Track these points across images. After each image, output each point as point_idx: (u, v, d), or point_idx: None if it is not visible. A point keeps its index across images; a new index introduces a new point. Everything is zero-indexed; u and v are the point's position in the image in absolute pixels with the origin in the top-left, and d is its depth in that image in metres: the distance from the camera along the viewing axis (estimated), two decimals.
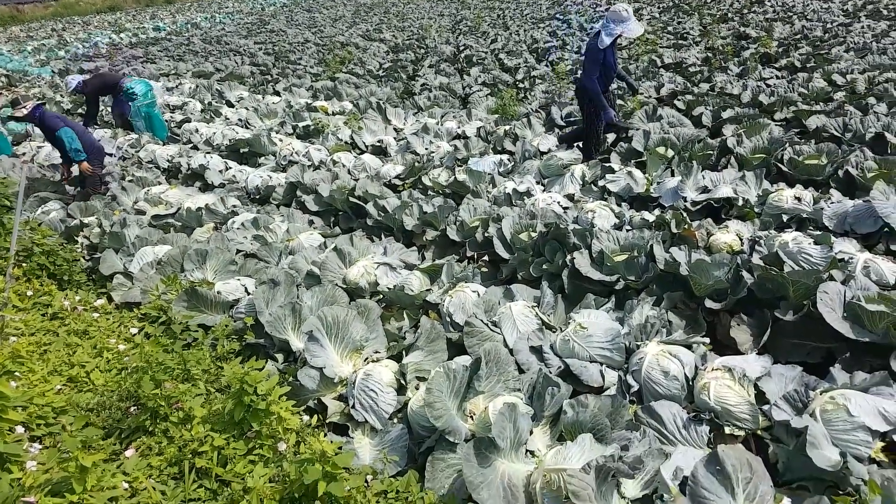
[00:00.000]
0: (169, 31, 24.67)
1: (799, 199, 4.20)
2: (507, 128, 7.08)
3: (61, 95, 11.57)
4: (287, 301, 3.57)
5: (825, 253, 3.30)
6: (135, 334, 3.54)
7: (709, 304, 3.25)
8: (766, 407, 2.57)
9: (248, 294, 3.86)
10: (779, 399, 2.57)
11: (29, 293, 3.84)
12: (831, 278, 3.01)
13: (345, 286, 3.90)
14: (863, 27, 11.79)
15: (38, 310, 3.76)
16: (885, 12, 13.40)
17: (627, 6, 5.34)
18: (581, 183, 5.33)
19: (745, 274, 3.28)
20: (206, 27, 25.99)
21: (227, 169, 6.61)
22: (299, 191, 5.71)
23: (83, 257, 4.75)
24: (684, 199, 4.66)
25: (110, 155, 7.62)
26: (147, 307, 3.64)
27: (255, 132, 7.68)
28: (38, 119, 5.91)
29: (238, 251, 4.49)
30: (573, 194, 5.15)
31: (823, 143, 5.19)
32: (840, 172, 4.65)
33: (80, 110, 10.24)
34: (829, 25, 12.45)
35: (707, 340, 3.05)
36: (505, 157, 6.22)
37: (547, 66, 11.59)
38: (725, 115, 6.51)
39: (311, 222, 5.29)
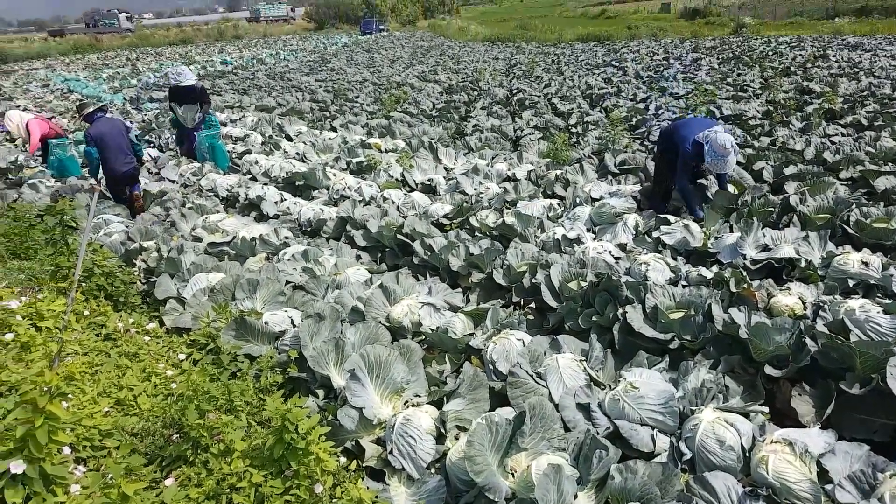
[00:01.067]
0: (235, 66, 25.90)
1: (866, 263, 3.98)
2: (559, 172, 7.05)
3: (131, 121, 12.22)
4: (331, 336, 3.58)
5: (895, 324, 3.10)
6: (182, 360, 3.59)
7: (769, 370, 3.08)
8: (828, 487, 2.39)
9: (294, 326, 3.89)
10: (843, 479, 2.38)
11: (86, 313, 3.96)
12: None
13: (388, 324, 3.89)
14: None
15: (92, 329, 3.87)
16: None
17: (733, 141, 5.16)
18: (634, 233, 5.22)
19: (808, 341, 3.11)
20: (270, 63, 27.20)
21: (282, 200, 6.78)
22: (349, 225, 5.79)
23: (140, 280, 4.90)
24: (743, 256, 4.48)
25: (172, 181, 7.96)
26: (196, 333, 3.69)
27: (311, 166, 7.89)
28: (84, 121, 6.79)
29: (287, 282, 4.55)
30: (625, 244, 5.04)
31: (893, 205, 4.95)
32: None
33: (147, 137, 10.77)
34: None
35: (766, 409, 2.88)
36: (555, 201, 6.18)
37: (601, 112, 11.59)
38: (788, 171, 6.32)
39: (358, 257, 5.34)
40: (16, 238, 5.48)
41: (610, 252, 4.76)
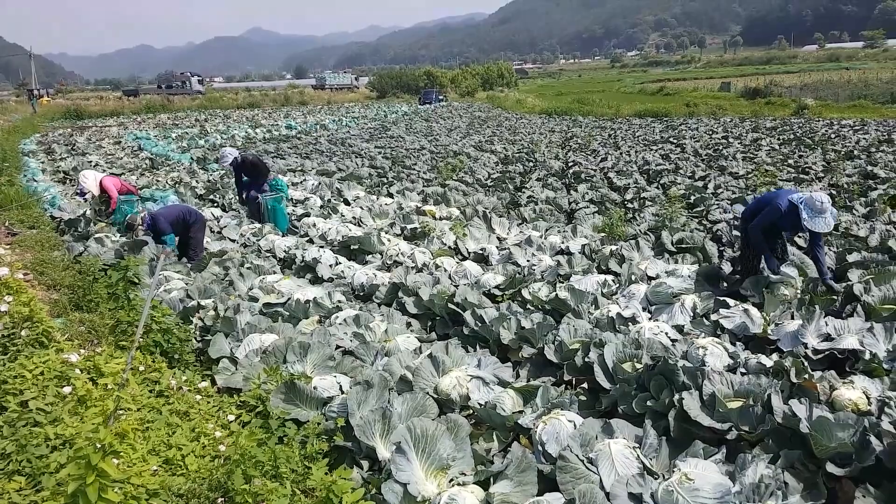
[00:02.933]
0: (299, 131, 27.16)
1: None
2: (614, 248, 6.99)
3: (196, 181, 12.92)
4: (378, 405, 3.57)
5: None
6: (231, 421, 3.63)
7: (830, 468, 2.91)
8: None
9: (343, 392, 3.90)
10: None
11: (141, 368, 4.05)
12: None
13: (436, 395, 3.86)
14: None
15: (146, 385, 3.95)
16: None
17: (829, 200, 5.13)
18: (692, 315, 5.08)
19: (872, 439, 2.93)
20: (333, 129, 28.49)
21: (336, 264, 6.95)
22: (401, 292, 5.85)
23: (195, 338, 5.01)
24: (805, 345, 4.29)
25: (232, 241, 8.31)
26: (247, 395, 3.75)
27: (367, 231, 8.11)
28: (148, 228, 7.27)
29: (338, 347, 4.61)
30: (682, 326, 4.91)
31: None
32: None
33: (211, 196, 11.36)
34: None
35: None
36: (609, 277, 6.10)
37: (658, 188, 11.54)
38: (851, 258, 6.08)
39: (408, 324, 5.37)
40: (79, 290, 5.68)
41: (666, 333, 4.63)
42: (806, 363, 3.87)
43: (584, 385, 4.15)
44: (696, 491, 2.72)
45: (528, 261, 6.99)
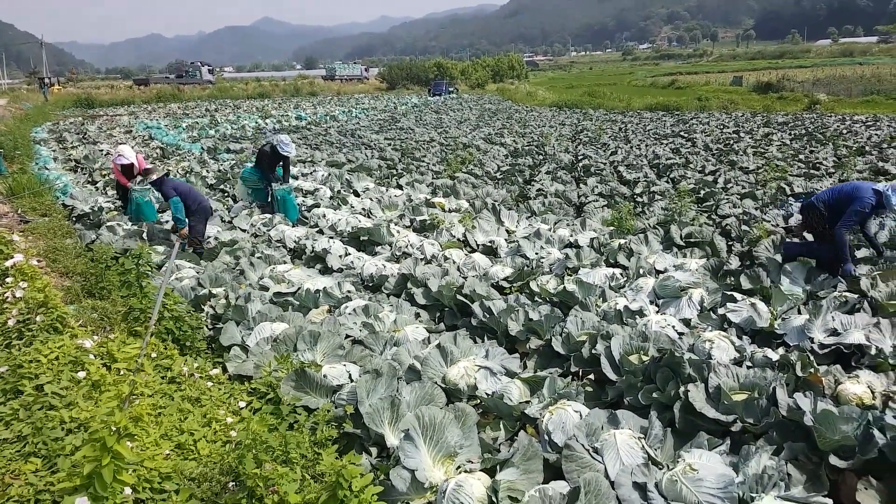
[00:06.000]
0: (309, 122, 27.13)
1: None
2: (622, 241, 7.00)
3: (207, 171, 12.98)
4: (387, 394, 3.62)
5: None
6: (242, 408, 3.69)
7: (833, 460, 2.94)
8: None
9: (352, 381, 3.95)
10: None
11: (153, 355, 4.12)
12: None
13: (444, 385, 3.90)
14: None
15: (158, 372, 4.02)
16: None
17: None
18: (699, 308, 5.09)
19: (875, 432, 2.96)
20: (343, 120, 28.46)
21: (346, 255, 7.00)
22: (410, 283, 5.90)
23: (207, 326, 5.09)
24: (811, 340, 4.32)
25: (243, 230, 8.37)
26: (257, 382, 3.80)
27: (376, 222, 8.15)
28: (157, 185, 7.30)
29: (347, 336, 4.66)
30: (689, 319, 4.93)
31: None
32: None
33: (222, 186, 11.42)
34: None
35: (829, 502, 2.72)
36: (618, 271, 6.11)
37: (668, 182, 11.49)
38: (859, 254, 6.05)
39: (417, 315, 5.41)
40: (92, 278, 5.74)
41: (673, 327, 4.65)
42: (812, 357, 3.90)
43: (591, 377, 4.19)
44: (700, 481, 2.75)
45: (536, 253, 7.01)
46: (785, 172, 11.69)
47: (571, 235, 7.60)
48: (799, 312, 4.85)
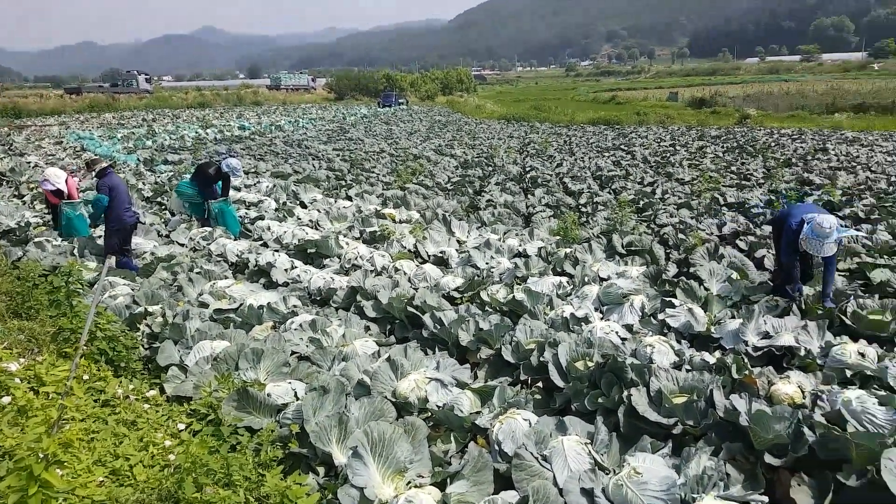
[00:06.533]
0: (253, 132, 26.55)
1: (863, 354, 4.03)
2: (568, 251, 7.15)
3: (143, 183, 12.52)
4: (335, 411, 3.55)
5: (891, 415, 3.11)
6: (181, 430, 3.55)
7: (768, 459, 3.06)
8: None
9: (298, 399, 3.85)
10: None
11: (85, 377, 3.90)
12: None
13: (394, 399, 3.86)
14: None
15: (90, 395, 3.81)
16: None
17: (836, 227, 5.04)
18: (641, 314, 5.24)
19: (806, 430, 3.11)
20: (289, 130, 28.01)
21: (292, 268, 6.86)
22: (359, 296, 5.83)
23: (143, 345, 4.86)
24: (745, 343, 4.52)
25: (181, 245, 8.08)
26: (197, 403, 3.67)
27: (324, 234, 8.04)
28: (99, 175, 7.15)
29: (293, 353, 4.56)
30: (632, 325, 5.06)
31: (888, 298, 5.00)
32: None
33: (159, 199, 11.02)
34: (892, 178, 12.34)
35: (766, 499, 2.83)
36: (564, 279, 6.23)
37: (610, 193, 11.83)
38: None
39: (367, 328, 5.35)
40: (18, 297, 5.43)
41: (617, 333, 4.77)
42: (746, 360, 4.08)
43: (540, 384, 4.23)
44: (644, 484, 2.81)
45: (486, 263, 7.06)
46: (718, 183, 12.23)
47: (520, 245, 7.70)
48: (733, 317, 5.05)
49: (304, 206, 10.67)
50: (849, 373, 3.93)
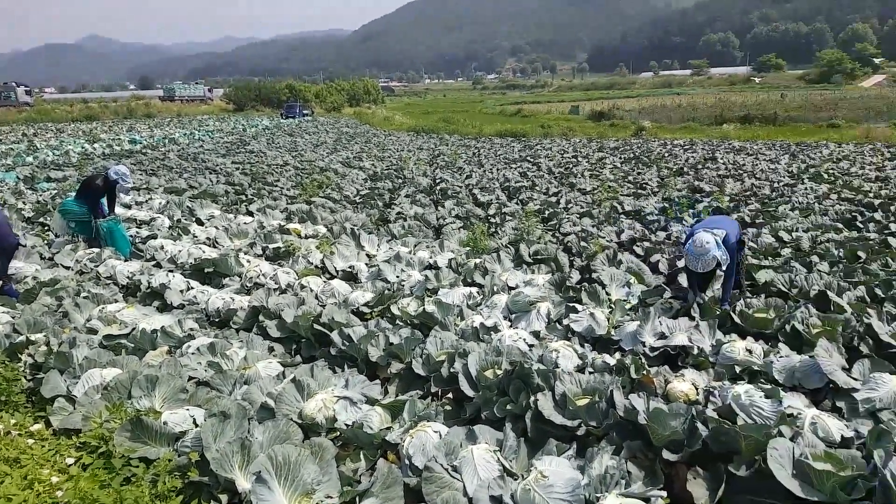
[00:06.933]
0: (145, 145, 25.12)
1: (750, 351, 4.33)
2: (478, 261, 7.26)
3: (23, 202, 11.52)
4: (237, 436, 3.40)
5: (775, 407, 3.36)
6: (70, 465, 3.28)
7: (666, 455, 3.22)
8: None
9: (197, 426, 3.66)
10: None
11: None
12: (780, 434, 3.05)
13: (300, 421, 3.75)
14: (806, 189, 12.86)
15: None
16: (825, 176, 14.71)
17: (712, 245, 5.13)
18: (547, 320, 5.40)
19: (699, 425, 3.30)
20: (184, 143, 26.70)
21: (188, 289, 6.52)
22: (262, 315, 5.62)
23: (25, 377, 4.46)
24: (643, 344, 4.75)
25: (66, 267, 7.47)
26: (87, 435, 3.40)
27: (223, 252, 7.68)
28: None
29: (191, 378, 4.33)
30: (539, 332, 5.19)
31: (772, 297, 5.44)
32: (787, 327, 4.82)
33: (41, 219, 10.16)
34: (776, 185, 13.55)
35: (664, 494, 2.97)
36: (474, 289, 6.31)
37: (517, 204, 12.17)
38: (680, 264, 6.82)
39: (271, 349, 5.16)
40: None
41: (524, 340, 4.88)
42: (644, 360, 4.29)
43: (451, 395, 4.25)
44: (551, 487, 2.89)
45: (397, 276, 7.04)
46: (617, 193, 12.91)
47: (431, 257, 7.73)
48: (632, 320, 5.31)
49: (200, 223, 10.17)
50: (738, 369, 4.20)
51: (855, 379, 3.85)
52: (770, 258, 7.19)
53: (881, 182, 13.88)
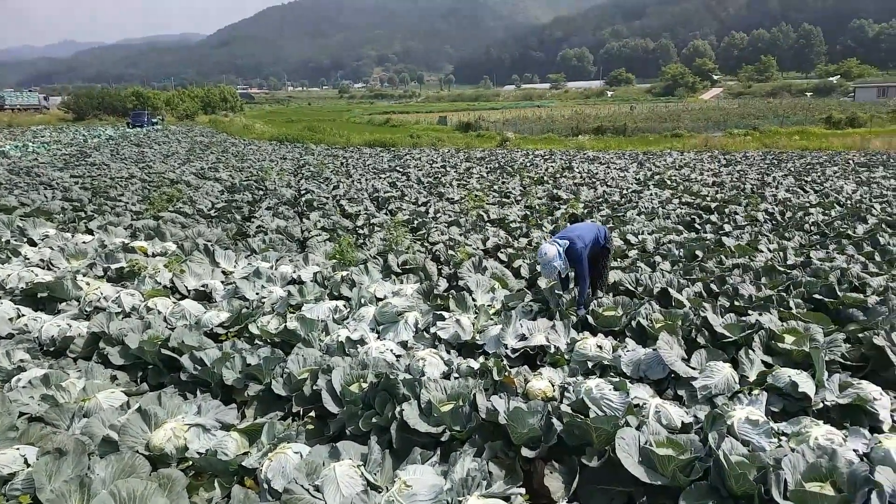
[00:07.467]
0: None
1: (600, 347, 4.66)
2: (345, 273, 7.14)
3: None
4: (75, 474, 3.09)
5: (623, 399, 3.63)
6: None
7: (525, 452, 3.37)
8: None
9: (29, 466, 3.27)
10: None
11: None
12: (628, 424, 3.29)
13: (148, 453, 3.46)
14: (651, 194, 14.17)
15: None
16: (668, 182, 16.33)
17: (552, 254, 5.48)
18: (415, 330, 5.44)
19: (555, 421, 3.48)
20: (15, 156, 23.90)
21: (18, 317, 5.78)
22: (103, 342, 5.12)
23: None
24: (505, 346, 4.94)
25: None
26: None
27: (59, 274, 6.90)
28: None
29: (22, 414, 3.85)
30: (407, 341, 5.22)
31: (620, 296, 5.90)
32: (633, 323, 5.24)
33: None
34: (625, 192, 14.80)
35: (523, 491, 3.11)
36: (341, 303, 6.20)
37: (386, 214, 12.18)
38: (539, 268, 7.19)
39: (114, 378, 4.71)
40: None
41: (392, 351, 4.88)
42: (506, 362, 4.47)
43: (313, 414, 4.13)
44: (414, 496, 2.90)
45: (256, 294, 6.73)
46: (483, 201, 13.38)
47: (295, 271, 7.49)
48: (496, 324, 5.50)
49: (33, 243, 9.07)
50: (590, 364, 4.51)
51: (693, 368, 4.23)
52: (619, 259, 7.81)
53: (717, 187, 15.70)
